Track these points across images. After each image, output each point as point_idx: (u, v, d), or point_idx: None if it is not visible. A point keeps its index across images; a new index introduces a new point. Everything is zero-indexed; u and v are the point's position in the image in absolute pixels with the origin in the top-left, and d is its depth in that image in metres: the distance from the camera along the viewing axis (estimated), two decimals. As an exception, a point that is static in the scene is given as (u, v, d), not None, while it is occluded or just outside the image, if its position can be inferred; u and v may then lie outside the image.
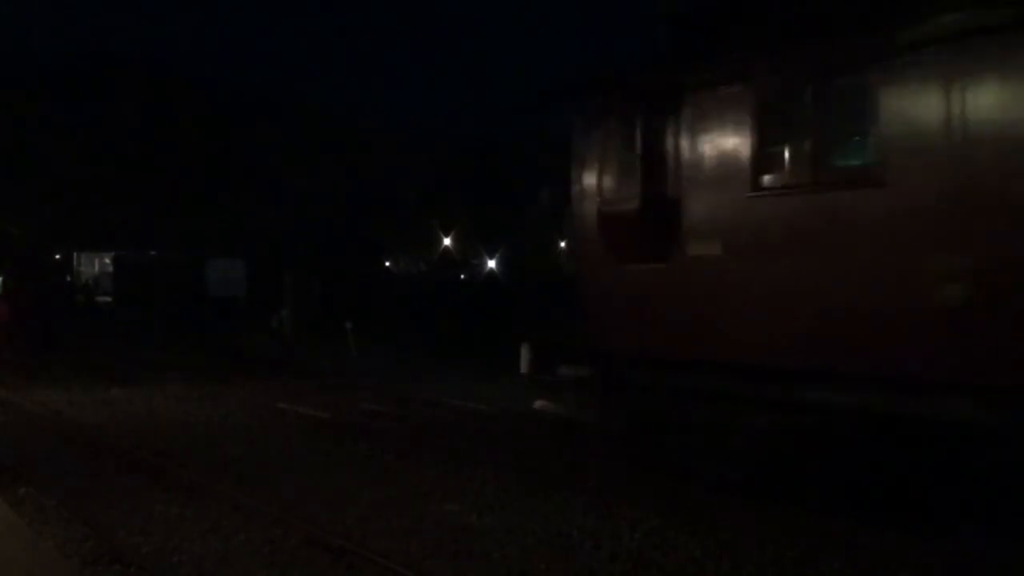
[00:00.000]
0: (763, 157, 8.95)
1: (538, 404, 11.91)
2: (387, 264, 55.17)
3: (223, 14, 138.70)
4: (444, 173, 62.78)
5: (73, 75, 66.01)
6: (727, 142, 9.32)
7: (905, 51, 7.71)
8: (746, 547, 7.60)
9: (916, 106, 7.68)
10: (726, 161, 9.30)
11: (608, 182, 10.61)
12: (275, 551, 7.57)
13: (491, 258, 54.39)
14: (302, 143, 62.61)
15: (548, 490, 9.51)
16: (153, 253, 55.86)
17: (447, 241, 57.64)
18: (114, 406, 15.73)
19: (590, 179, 10.86)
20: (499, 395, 15.13)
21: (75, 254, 60.27)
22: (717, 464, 9.48)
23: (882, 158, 7.91)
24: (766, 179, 8.93)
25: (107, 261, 61.72)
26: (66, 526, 8.31)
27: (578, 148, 11.06)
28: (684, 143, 9.77)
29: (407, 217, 58.72)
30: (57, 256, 53.19)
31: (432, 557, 7.42)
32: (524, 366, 11.79)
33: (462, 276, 54.10)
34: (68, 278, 54.16)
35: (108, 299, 54.66)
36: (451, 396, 16.12)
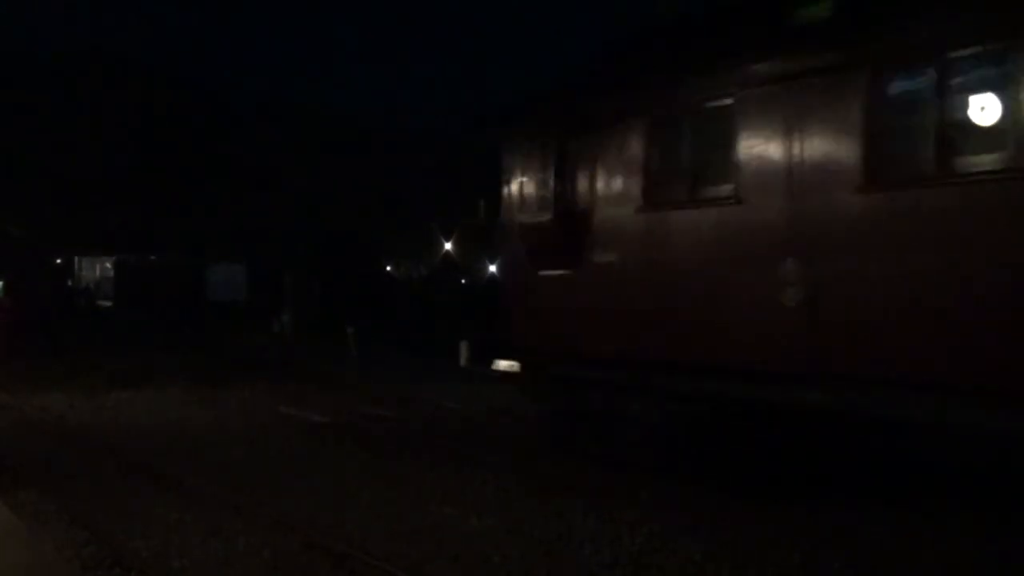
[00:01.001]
0: (652, 177, 10.17)
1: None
2: (388, 268, 54.99)
3: (223, 14, 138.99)
4: (444, 175, 62.75)
5: (73, 75, 66.02)
6: (624, 164, 10.49)
7: (755, 88, 8.92)
8: (746, 548, 7.61)
9: (763, 137, 8.86)
10: (623, 180, 10.52)
11: (528, 197, 11.85)
12: (276, 555, 7.57)
13: (492, 263, 54.28)
14: (302, 143, 62.64)
15: (548, 492, 9.52)
16: (153, 257, 55.90)
17: (448, 245, 57.53)
18: (115, 409, 15.73)
19: (514, 194, 12.09)
20: (497, 396, 15.14)
21: (76, 258, 60.26)
22: (615, 446, 10.57)
23: (739, 181, 9.08)
24: (654, 197, 10.10)
25: (108, 266, 61.75)
26: (66, 529, 8.30)
27: (505, 166, 12.33)
28: (590, 164, 10.92)
29: (407, 219, 58.65)
30: (58, 261, 53.22)
31: (432, 560, 7.42)
32: (463, 360, 12.83)
33: (463, 281, 54.00)
34: (69, 282, 54.20)
35: (109, 303, 54.66)
36: (451, 398, 16.13)
